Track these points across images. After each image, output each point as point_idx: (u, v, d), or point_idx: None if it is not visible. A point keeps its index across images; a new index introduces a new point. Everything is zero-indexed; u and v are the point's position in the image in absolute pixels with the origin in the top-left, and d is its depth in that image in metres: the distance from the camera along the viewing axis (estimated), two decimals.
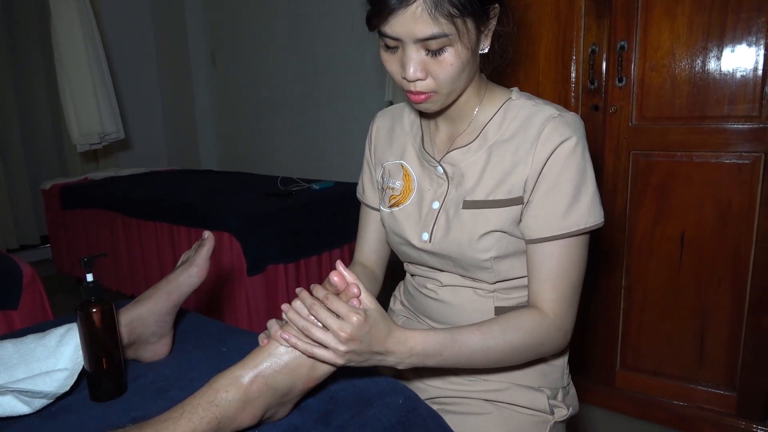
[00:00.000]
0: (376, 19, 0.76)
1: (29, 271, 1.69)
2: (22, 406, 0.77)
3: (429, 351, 0.75)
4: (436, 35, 0.73)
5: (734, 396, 1.64)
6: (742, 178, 1.53)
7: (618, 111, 1.68)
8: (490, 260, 0.87)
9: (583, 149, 0.83)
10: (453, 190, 0.90)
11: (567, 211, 0.82)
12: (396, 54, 0.79)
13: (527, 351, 0.83)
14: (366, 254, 1.08)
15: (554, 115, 0.83)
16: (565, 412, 0.94)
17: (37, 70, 3.98)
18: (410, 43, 0.75)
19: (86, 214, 3.06)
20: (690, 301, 1.67)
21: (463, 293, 0.94)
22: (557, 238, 0.82)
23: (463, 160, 0.90)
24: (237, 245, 2.17)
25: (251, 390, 0.68)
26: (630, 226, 1.73)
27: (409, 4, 0.72)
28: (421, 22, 0.72)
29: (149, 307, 0.92)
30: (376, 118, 1.07)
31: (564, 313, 0.84)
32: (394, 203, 0.97)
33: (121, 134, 3.75)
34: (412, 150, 0.98)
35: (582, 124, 0.86)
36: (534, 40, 1.79)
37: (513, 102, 0.89)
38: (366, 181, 1.08)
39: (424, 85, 0.79)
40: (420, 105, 0.83)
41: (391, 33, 0.76)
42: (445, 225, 0.90)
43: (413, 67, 0.77)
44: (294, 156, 3.93)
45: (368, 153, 1.07)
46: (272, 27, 3.84)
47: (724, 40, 1.50)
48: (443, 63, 0.77)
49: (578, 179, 0.83)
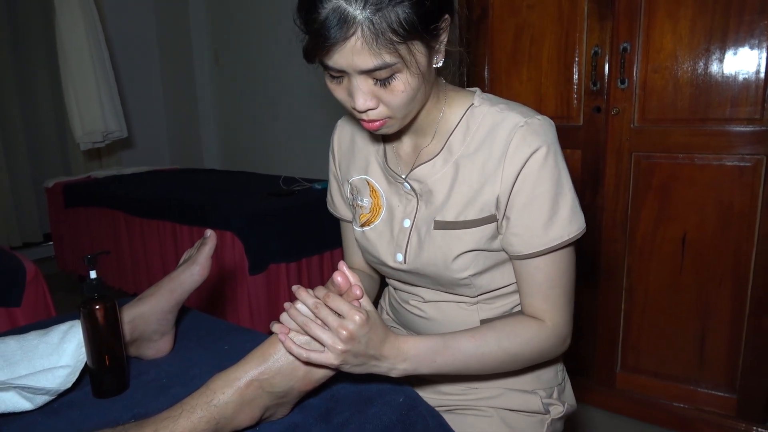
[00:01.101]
0: (315, 53, 0.70)
1: (32, 268, 1.70)
2: (24, 402, 0.77)
3: (421, 356, 0.74)
4: (380, 66, 0.68)
5: (734, 398, 1.64)
6: (743, 180, 1.53)
7: (620, 113, 1.68)
8: (469, 278, 0.85)
9: (555, 156, 0.79)
10: (423, 207, 0.87)
11: (547, 224, 0.79)
12: (342, 83, 0.74)
13: (524, 359, 0.82)
14: (357, 263, 1.06)
15: (520, 123, 0.79)
16: (561, 408, 0.93)
17: (40, 68, 3.99)
18: (355, 74, 0.71)
19: (89, 212, 3.07)
20: (691, 302, 1.67)
21: (447, 308, 0.92)
22: (542, 254, 0.80)
23: (429, 176, 0.86)
24: (239, 244, 2.18)
25: (247, 392, 0.68)
26: (631, 228, 1.73)
27: (348, 37, 0.66)
28: (363, 54, 0.67)
29: (152, 304, 0.92)
30: (336, 127, 1.01)
31: (560, 320, 0.83)
32: (366, 222, 0.93)
33: (124, 133, 3.76)
34: (376, 164, 0.93)
35: (551, 128, 0.81)
36: (536, 42, 1.79)
37: (476, 109, 0.84)
38: (335, 194, 1.03)
39: (377, 113, 0.75)
40: (378, 131, 0.79)
41: (333, 65, 0.70)
42: (418, 245, 0.87)
43: (362, 98, 0.72)
44: (296, 156, 3.93)
45: (333, 166, 1.01)
46: (275, 26, 3.84)
47: (726, 42, 1.51)
48: (394, 90, 0.72)
49: (555, 190, 0.79)
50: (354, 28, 0.66)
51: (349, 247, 1.05)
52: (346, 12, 0.65)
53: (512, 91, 1.87)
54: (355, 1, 0.65)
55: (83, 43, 3.43)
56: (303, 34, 0.71)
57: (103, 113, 3.54)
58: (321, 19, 0.66)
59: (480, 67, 1.92)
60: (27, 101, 3.97)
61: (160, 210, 2.56)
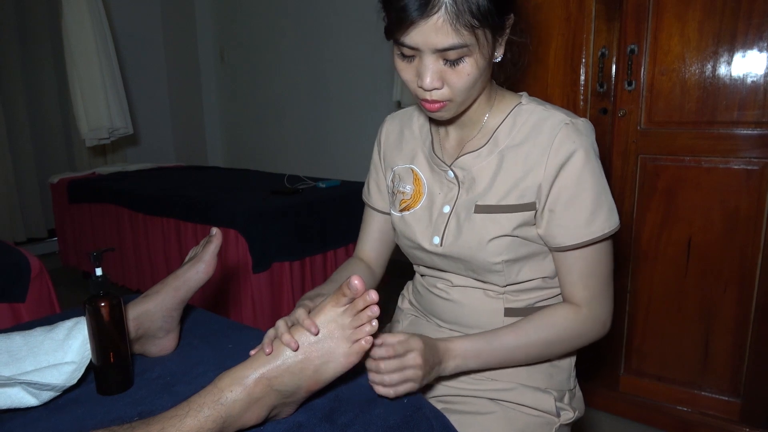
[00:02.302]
0: (395, 30, 0.75)
1: (37, 264, 1.70)
2: (29, 398, 0.77)
3: (469, 354, 0.84)
4: (455, 46, 0.73)
5: (738, 402, 1.64)
6: (750, 184, 1.52)
7: (627, 115, 1.67)
8: (502, 263, 0.88)
9: (596, 155, 0.85)
10: (464, 194, 0.91)
11: (591, 218, 0.84)
12: (412, 63, 0.79)
13: (563, 344, 0.88)
14: (367, 252, 1.10)
15: (566, 121, 0.84)
16: (571, 415, 0.94)
17: (46, 64, 4.00)
18: (429, 53, 0.75)
19: (93, 208, 3.08)
20: (695, 306, 1.66)
21: (473, 294, 0.95)
22: (584, 246, 0.85)
23: (474, 165, 0.90)
24: (243, 242, 2.18)
25: (255, 390, 0.68)
26: (636, 230, 1.72)
27: (431, 15, 0.71)
28: (442, 33, 0.72)
29: (157, 302, 0.92)
30: (385, 121, 1.07)
31: (598, 306, 0.88)
32: (405, 207, 0.98)
33: (130, 129, 3.77)
34: (422, 154, 0.98)
35: (593, 130, 0.87)
36: (543, 43, 1.78)
37: (523, 107, 0.90)
38: (372, 183, 1.08)
39: (440, 94, 0.79)
40: (434, 113, 0.84)
41: (410, 43, 0.75)
42: (456, 229, 0.90)
43: (431, 76, 0.77)
44: (301, 154, 3.94)
45: (377, 157, 1.07)
46: (281, 24, 3.84)
47: (734, 45, 1.50)
48: (461, 73, 0.77)
49: (598, 186, 0.85)
50: (438, 6, 0.71)
51: (365, 235, 1.10)
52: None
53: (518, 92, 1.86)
54: None
55: (90, 40, 3.44)
56: (384, 12, 0.77)
57: (109, 110, 3.55)
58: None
59: None
60: (33, 97, 3.98)
61: (164, 207, 2.57)
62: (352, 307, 0.71)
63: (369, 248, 1.10)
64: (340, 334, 0.71)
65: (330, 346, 0.71)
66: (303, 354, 0.70)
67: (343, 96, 3.58)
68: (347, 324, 0.71)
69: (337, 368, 0.71)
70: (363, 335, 0.71)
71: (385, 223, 1.08)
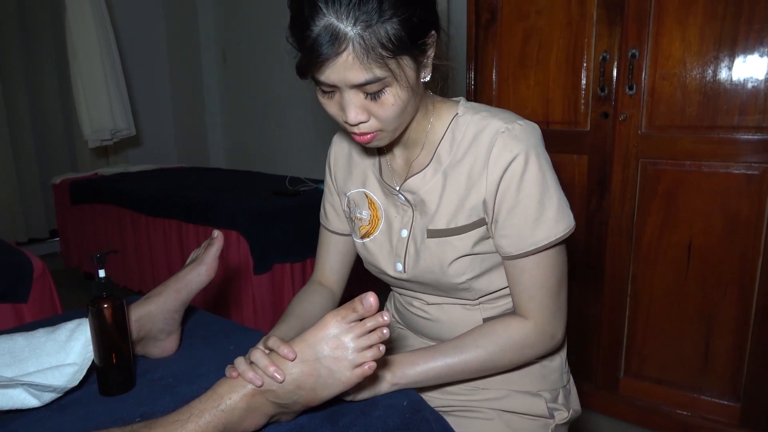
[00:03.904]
0: (307, 69, 0.73)
1: (39, 264, 1.71)
2: (32, 399, 0.78)
3: (404, 361, 0.81)
4: (370, 80, 0.71)
5: (738, 406, 1.64)
6: (750, 188, 1.53)
7: (628, 119, 1.68)
8: (467, 282, 0.87)
9: (538, 159, 0.81)
10: (418, 217, 0.89)
11: (534, 226, 0.81)
12: (334, 98, 0.77)
13: (507, 358, 0.85)
14: (327, 275, 1.07)
15: (501, 129, 0.81)
16: (565, 414, 0.94)
17: (49, 65, 4.01)
18: (346, 89, 0.73)
19: (95, 209, 3.08)
20: (695, 309, 1.67)
21: (450, 309, 0.94)
22: (529, 254, 0.82)
23: (421, 187, 0.88)
24: (244, 243, 2.19)
25: (254, 400, 0.68)
26: (637, 233, 1.73)
27: (340, 52, 0.69)
28: (354, 69, 0.70)
29: (159, 303, 0.93)
30: (333, 143, 1.04)
31: (546, 318, 0.85)
32: (365, 234, 0.96)
33: (132, 131, 3.78)
34: (373, 177, 0.95)
35: (534, 131, 0.83)
36: (545, 47, 1.79)
37: (460, 118, 0.87)
38: (328, 205, 1.05)
39: (368, 126, 0.77)
40: (368, 144, 0.81)
41: (325, 80, 0.73)
42: (415, 254, 0.89)
43: (354, 111, 0.75)
44: (302, 156, 3.94)
45: (329, 180, 1.04)
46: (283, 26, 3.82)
47: (735, 50, 1.50)
48: (384, 104, 0.75)
49: (539, 192, 0.81)
50: (345, 44, 0.68)
51: (326, 258, 1.07)
52: (338, 29, 0.68)
53: (519, 96, 1.87)
54: (346, 18, 0.68)
55: (93, 41, 3.45)
56: (296, 51, 0.74)
57: (112, 111, 3.56)
58: (313, 36, 0.69)
59: (488, 71, 1.92)
60: (36, 98, 3.99)
61: (166, 208, 2.57)
62: (360, 325, 0.69)
63: (330, 270, 1.07)
64: (342, 354, 0.68)
65: (330, 367, 0.68)
66: (299, 371, 0.68)
67: None
68: (352, 346, 0.68)
69: (334, 390, 0.69)
70: (367, 360, 0.68)
71: (343, 244, 1.06)
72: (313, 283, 1.07)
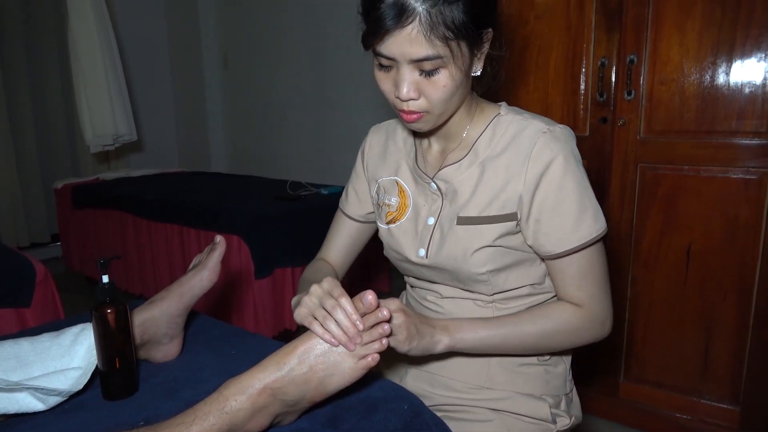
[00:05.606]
0: (371, 39, 0.77)
1: (42, 269, 1.72)
2: (37, 402, 0.79)
3: (464, 325, 0.85)
4: (430, 57, 0.74)
5: (737, 410, 1.64)
6: (749, 193, 1.54)
7: (626, 124, 1.69)
8: (486, 273, 0.89)
9: (576, 161, 0.85)
10: (447, 206, 0.92)
11: (576, 224, 0.84)
12: (390, 73, 0.80)
13: (560, 337, 0.88)
14: (332, 255, 1.11)
15: (543, 129, 0.85)
16: (567, 421, 0.95)
17: (52, 70, 4.03)
18: (404, 63, 0.77)
19: (97, 213, 3.09)
20: (695, 313, 1.67)
21: (464, 304, 0.96)
22: (574, 252, 0.86)
23: (455, 177, 0.91)
24: (245, 248, 2.19)
25: (259, 400, 0.69)
26: (636, 238, 1.73)
27: (405, 25, 0.73)
28: (417, 43, 0.73)
29: (162, 308, 0.94)
30: (369, 133, 1.08)
31: (595, 305, 0.88)
32: (391, 220, 0.99)
33: (134, 136, 3.79)
34: (406, 166, 0.99)
35: (572, 136, 0.87)
36: (544, 52, 1.80)
37: (502, 117, 0.91)
38: (351, 190, 1.10)
39: (417, 105, 0.80)
40: (412, 124, 0.84)
41: (386, 53, 0.77)
42: (440, 240, 0.91)
43: (407, 87, 0.78)
44: (303, 160, 3.95)
45: (361, 167, 1.08)
46: (284, 30, 3.87)
47: (733, 55, 1.51)
48: (436, 84, 0.78)
49: (580, 192, 0.85)
50: (412, 17, 0.72)
51: (334, 240, 1.12)
52: (407, 3, 0.72)
53: (518, 101, 1.88)
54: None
55: (95, 47, 3.47)
56: (362, 22, 0.78)
57: (114, 117, 3.57)
58: (383, 7, 0.73)
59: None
60: (38, 103, 4.01)
61: (168, 213, 2.58)
62: (363, 321, 0.72)
63: (335, 252, 1.11)
64: None
65: (336, 359, 0.71)
66: (308, 366, 0.71)
67: (345, 102, 3.60)
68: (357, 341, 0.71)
69: (341, 382, 0.72)
70: (371, 352, 0.71)
71: (355, 231, 1.10)
72: (317, 260, 1.11)
